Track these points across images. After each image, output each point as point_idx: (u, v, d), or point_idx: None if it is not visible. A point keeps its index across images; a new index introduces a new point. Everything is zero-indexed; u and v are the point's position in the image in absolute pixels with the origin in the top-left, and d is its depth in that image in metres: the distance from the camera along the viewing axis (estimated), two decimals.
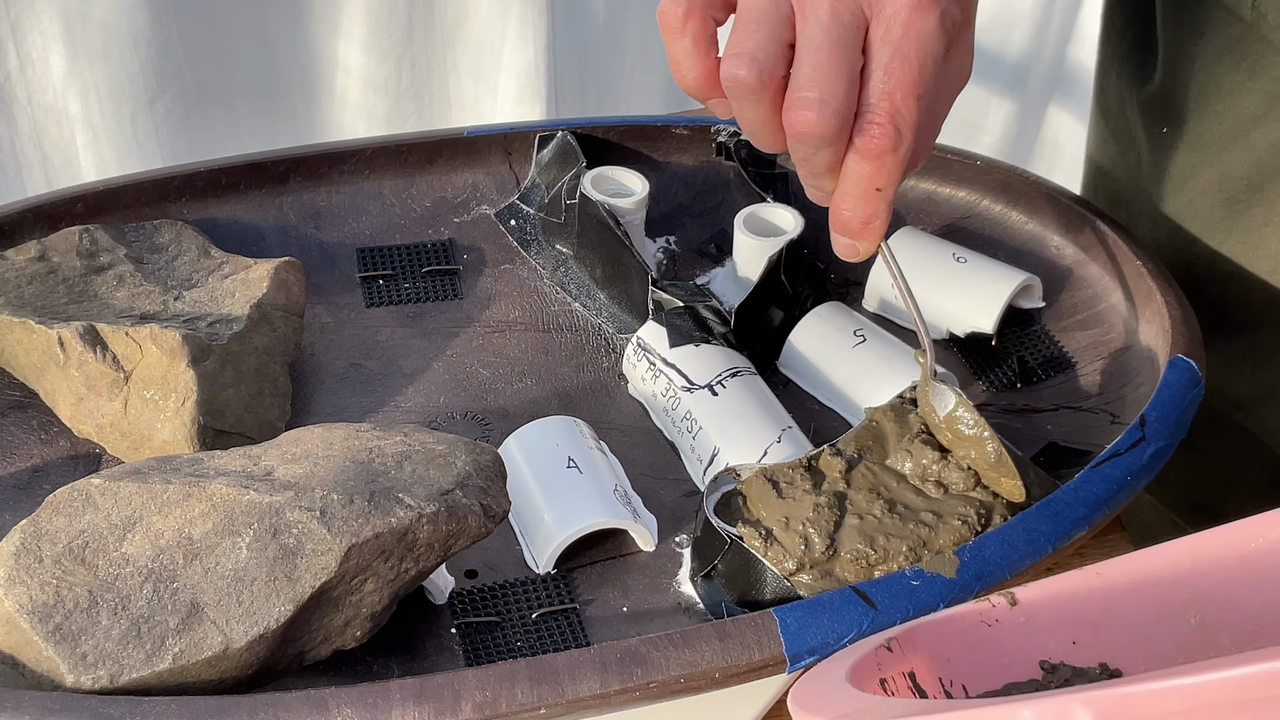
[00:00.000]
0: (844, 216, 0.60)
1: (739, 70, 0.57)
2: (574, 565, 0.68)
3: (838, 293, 0.82)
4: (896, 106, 0.57)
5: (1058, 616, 0.53)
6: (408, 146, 0.86)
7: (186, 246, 0.78)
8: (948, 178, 0.86)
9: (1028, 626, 0.53)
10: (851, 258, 0.62)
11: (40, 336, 0.71)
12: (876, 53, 0.57)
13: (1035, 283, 0.80)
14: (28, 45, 1.27)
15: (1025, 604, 0.53)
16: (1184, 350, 0.72)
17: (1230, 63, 0.77)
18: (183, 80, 1.34)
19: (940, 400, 0.66)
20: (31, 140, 1.33)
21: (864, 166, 0.58)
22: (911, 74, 0.57)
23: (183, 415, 0.69)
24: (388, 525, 0.59)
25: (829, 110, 0.56)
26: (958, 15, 0.58)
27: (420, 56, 1.40)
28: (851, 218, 0.60)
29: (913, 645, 0.51)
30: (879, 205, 0.59)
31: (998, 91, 1.58)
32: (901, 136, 0.57)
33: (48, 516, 0.60)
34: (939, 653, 0.52)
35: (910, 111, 0.57)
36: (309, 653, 0.60)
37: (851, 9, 0.57)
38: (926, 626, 0.52)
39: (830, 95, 0.56)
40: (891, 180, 0.58)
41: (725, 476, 0.67)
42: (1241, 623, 0.53)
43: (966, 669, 0.52)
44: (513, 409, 0.76)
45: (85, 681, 0.56)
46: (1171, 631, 0.53)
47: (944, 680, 0.51)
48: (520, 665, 0.57)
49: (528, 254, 0.84)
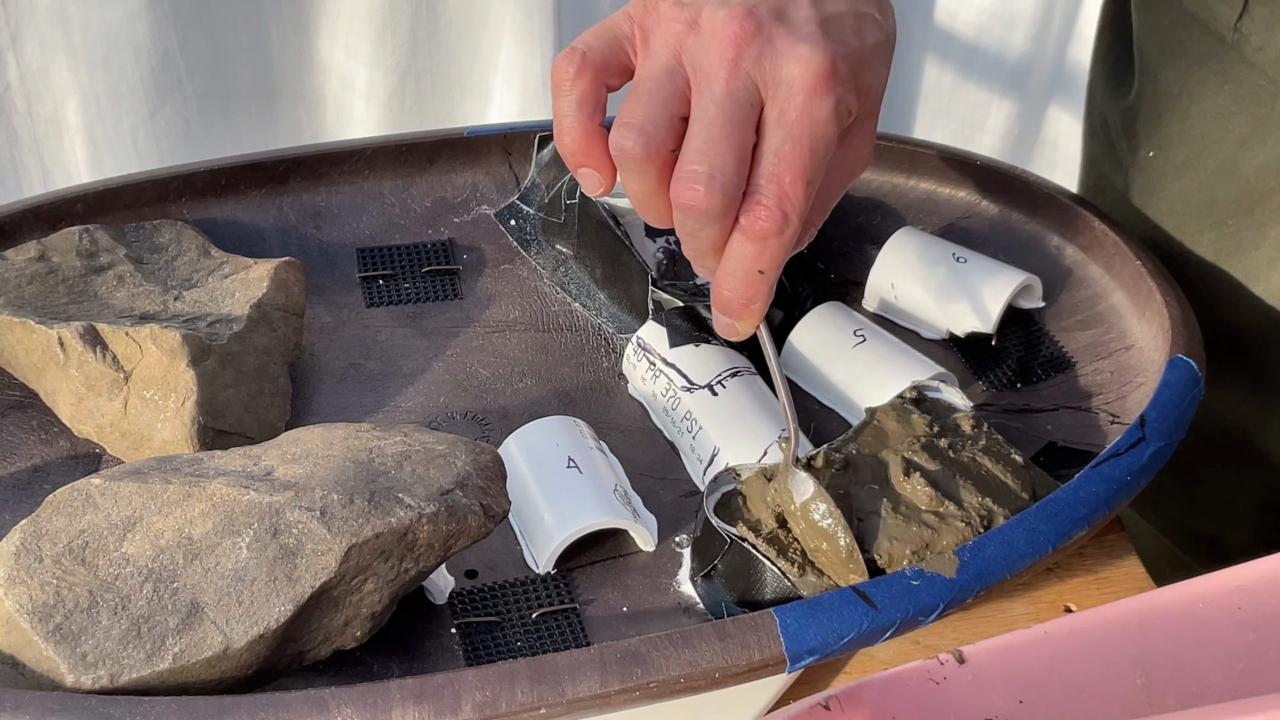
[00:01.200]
0: (724, 296, 0.59)
1: (626, 141, 0.57)
2: (574, 565, 0.68)
3: (838, 293, 0.82)
4: (785, 190, 0.56)
5: (1005, 675, 0.53)
6: (408, 146, 0.86)
7: (186, 246, 0.78)
8: (948, 178, 0.86)
9: (975, 685, 0.53)
10: (731, 336, 0.61)
11: (40, 336, 0.71)
12: (769, 134, 0.56)
13: (1035, 283, 0.80)
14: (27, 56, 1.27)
15: (973, 663, 0.53)
16: (1184, 350, 0.72)
17: (1212, 85, 0.76)
18: (184, 92, 1.34)
19: (799, 488, 0.64)
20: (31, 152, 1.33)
21: (748, 248, 0.57)
22: (803, 159, 0.56)
23: (183, 415, 0.69)
24: (388, 525, 0.59)
25: (717, 186, 0.55)
26: (853, 105, 0.58)
27: (425, 71, 1.40)
28: (732, 298, 0.58)
29: (855, 703, 0.51)
30: (760, 287, 0.58)
31: (998, 92, 1.58)
32: (788, 220, 0.56)
33: (48, 516, 0.60)
34: (884, 711, 0.52)
35: (798, 196, 0.56)
36: (309, 653, 0.60)
37: (747, 86, 0.56)
38: (873, 685, 0.52)
39: (720, 171, 0.55)
40: (774, 263, 0.57)
41: (725, 476, 0.67)
42: (1186, 684, 0.53)
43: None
44: (513, 409, 0.76)
45: (85, 681, 0.56)
46: (1117, 691, 0.53)
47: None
48: (520, 665, 0.57)
49: (528, 254, 0.84)
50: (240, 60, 1.36)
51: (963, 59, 1.58)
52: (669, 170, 0.57)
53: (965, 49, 1.57)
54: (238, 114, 1.39)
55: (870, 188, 0.87)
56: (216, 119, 1.37)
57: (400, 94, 1.39)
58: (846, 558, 0.62)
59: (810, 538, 0.63)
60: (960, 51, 1.58)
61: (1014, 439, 0.72)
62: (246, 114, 1.40)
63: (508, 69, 1.39)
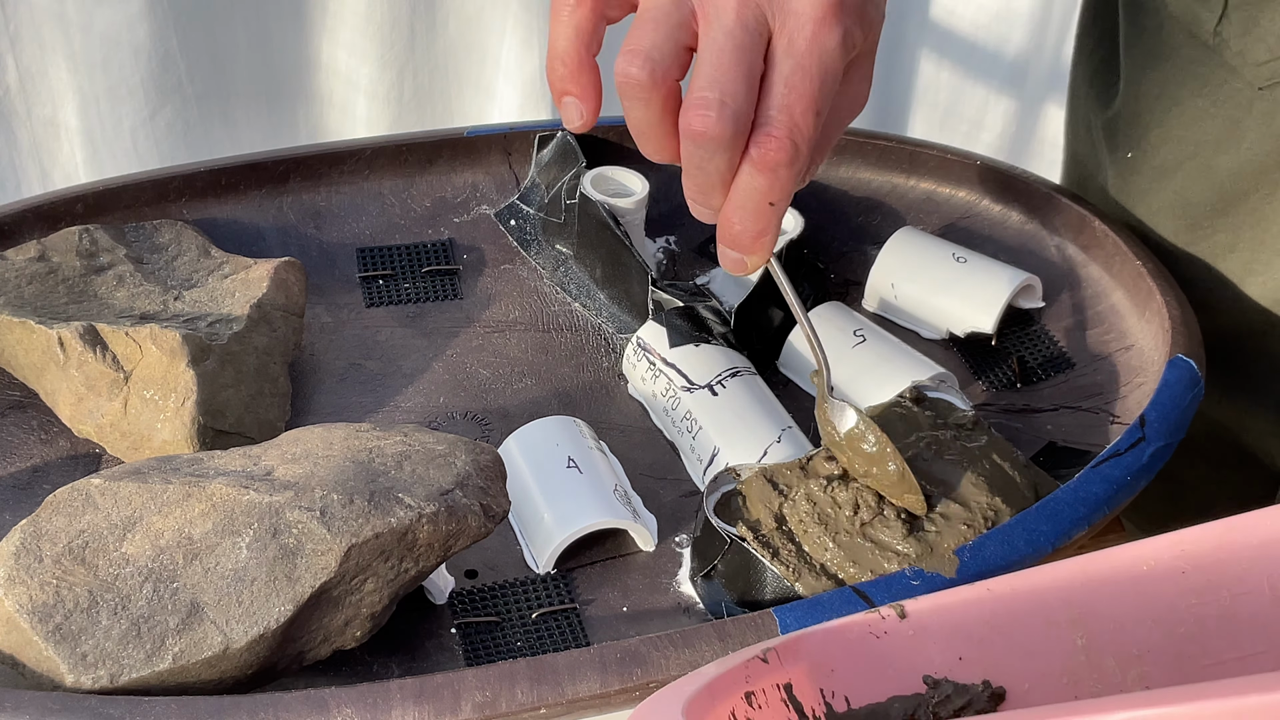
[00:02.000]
0: (735, 230, 0.58)
1: (631, 67, 0.56)
2: (574, 565, 0.68)
3: (838, 293, 0.82)
4: (795, 120, 0.56)
5: (946, 631, 0.53)
6: (408, 146, 0.86)
7: (186, 246, 0.78)
8: (948, 178, 0.86)
9: (915, 640, 0.53)
10: (740, 272, 0.60)
11: (40, 336, 0.71)
12: (779, 64, 0.56)
13: (1035, 283, 0.80)
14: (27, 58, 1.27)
15: (915, 617, 0.53)
16: (1184, 350, 0.72)
17: (1193, 88, 0.77)
18: (184, 93, 1.33)
19: (840, 417, 0.64)
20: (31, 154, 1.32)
21: (758, 179, 0.56)
22: (813, 88, 0.56)
23: (183, 415, 0.69)
24: (388, 525, 0.59)
25: (728, 112, 0.55)
26: (859, 38, 0.58)
27: (423, 66, 1.40)
28: (743, 231, 0.58)
29: (794, 655, 0.51)
30: (771, 219, 0.58)
31: (997, 90, 1.58)
32: (798, 151, 0.56)
33: (48, 516, 0.60)
34: (823, 664, 0.51)
35: (808, 126, 0.56)
36: (309, 653, 0.60)
37: (756, 16, 0.56)
38: (813, 636, 0.52)
39: (731, 97, 0.55)
40: (784, 194, 0.57)
41: (725, 476, 0.67)
42: (1126, 646, 0.53)
43: (850, 681, 0.52)
44: (513, 409, 0.76)
45: (85, 681, 0.56)
46: (1057, 650, 0.53)
47: (825, 691, 0.51)
48: (520, 665, 0.57)
49: (528, 254, 0.84)
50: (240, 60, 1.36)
51: (961, 57, 1.58)
52: (673, 100, 0.57)
53: (964, 47, 1.57)
54: (238, 114, 1.39)
55: (870, 188, 0.87)
56: (217, 120, 1.37)
57: (400, 91, 1.39)
58: (899, 479, 0.63)
59: (858, 464, 0.64)
60: (959, 50, 1.58)
61: (1014, 439, 0.72)
62: (247, 114, 1.40)
63: (508, 65, 1.39)
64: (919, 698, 0.52)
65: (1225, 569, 0.53)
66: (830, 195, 0.86)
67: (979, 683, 0.53)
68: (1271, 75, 0.74)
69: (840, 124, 0.61)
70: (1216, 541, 0.53)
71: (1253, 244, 0.78)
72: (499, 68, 1.40)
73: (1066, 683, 0.53)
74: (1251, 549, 0.53)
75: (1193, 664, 0.53)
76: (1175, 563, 0.53)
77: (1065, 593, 0.53)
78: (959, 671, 0.53)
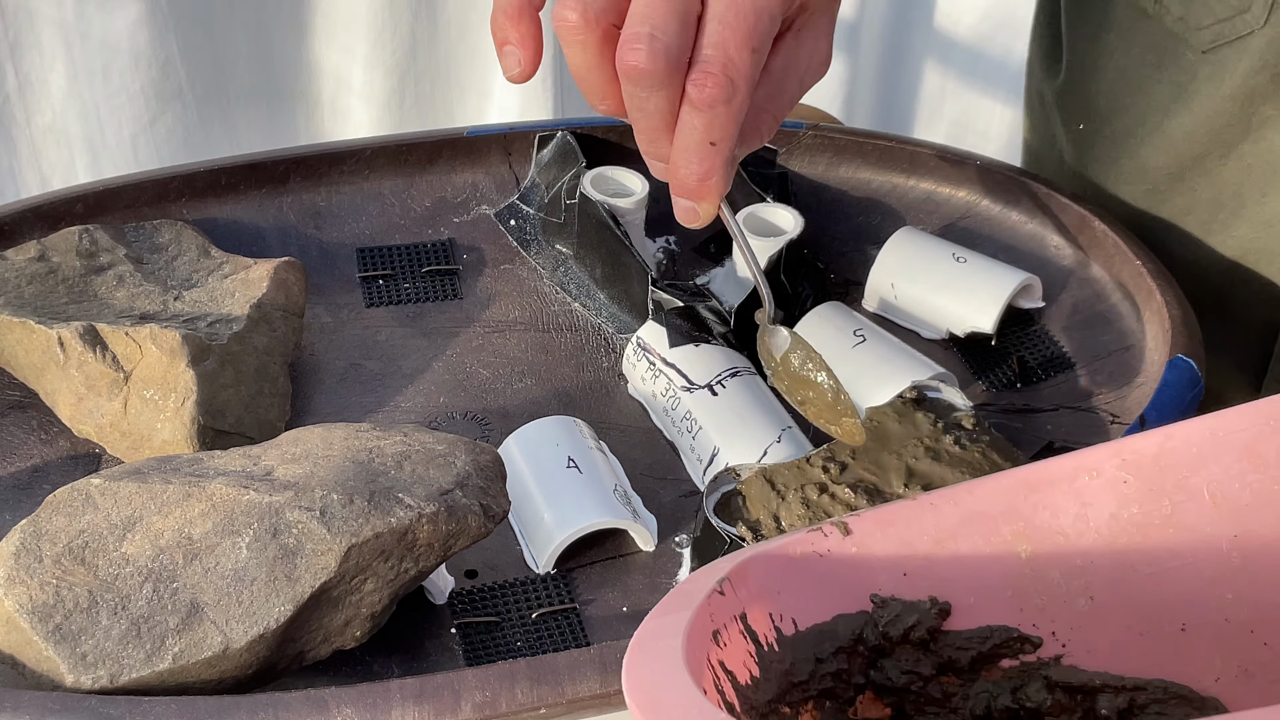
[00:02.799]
0: (680, 175, 0.58)
1: (565, 10, 0.56)
2: (574, 565, 0.68)
3: (838, 293, 0.82)
4: (730, 56, 0.56)
5: (890, 547, 0.53)
6: (408, 146, 0.86)
7: (186, 246, 0.78)
8: (948, 178, 0.86)
9: (859, 557, 0.52)
10: (692, 221, 0.60)
11: (40, 336, 0.71)
12: (712, 3, 0.56)
13: (1035, 283, 0.80)
14: (26, 65, 1.27)
15: (859, 534, 0.52)
16: (1184, 350, 0.72)
17: (1137, 56, 0.79)
18: (184, 99, 1.33)
19: (776, 341, 0.64)
20: (30, 162, 1.32)
21: (697, 118, 0.57)
22: (746, 25, 0.56)
23: (183, 415, 0.69)
24: (388, 525, 0.59)
25: (659, 45, 0.55)
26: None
27: (424, 72, 1.40)
28: (688, 175, 0.58)
29: (744, 581, 0.50)
30: (714, 161, 0.58)
31: (1001, 99, 1.58)
32: (735, 87, 0.56)
33: (48, 516, 0.60)
34: (770, 586, 0.51)
35: (744, 63, 0.56)
36: (309, 653, 0.60)
37: None
38: (759, 559, 0.51)
39: (661, 31, 0.55)
40: (726, 134, 0.57)
41: (725, 476, 0.67)
42: (1069, 557, 0.53)
43: (797, 602, 0.52)
44: (513, 409, 0.76)
45: (85, 681, 0.56)
46: (1001, 564, 0.53)
47: (774, 615, 0.51)
48: (520, 665, 0.57)
49: (528, 254, 0.84)
50: (240, 66, 1.36)
51: (964, 65, 1.58)
52: (609, 44, 0.57)
53: (966, 55, 1.57)
54: (238, 120, 1.39)
55: (870, 188, 0.87)
56: (217, 126, 1.37)
57: (400, 95, 1.39)
58: (833, 399, 0.62)
59: (796, 390, 0.63)
60: (961, 58, 1.58)
61: (1014, 439, 0.72)
62: (247, 119, 1.40)
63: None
64: (865, 615, 0.52)
65: (1165, 476, 0.53)
66: (830, 195, 0.86)
67: (925, 599, 0.52)
68: (1215, 38, 0.76)
69: (801, 84, 0.61)
70: (1156, 450, 0.54)
71: (1210, 205, 0.80)
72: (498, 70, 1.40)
73: (1011, 595, 0.53)
74: (1190, 456, 0.53)
75: (1135, 573, 0.53)
76: (1116, 472, 0.53)
77: (1009, 505, 0.53)
78: (904, 588, 0.53)
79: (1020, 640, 0.53)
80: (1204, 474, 0.53)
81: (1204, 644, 0.53)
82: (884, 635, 0.52)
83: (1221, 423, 0.54)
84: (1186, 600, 0.53)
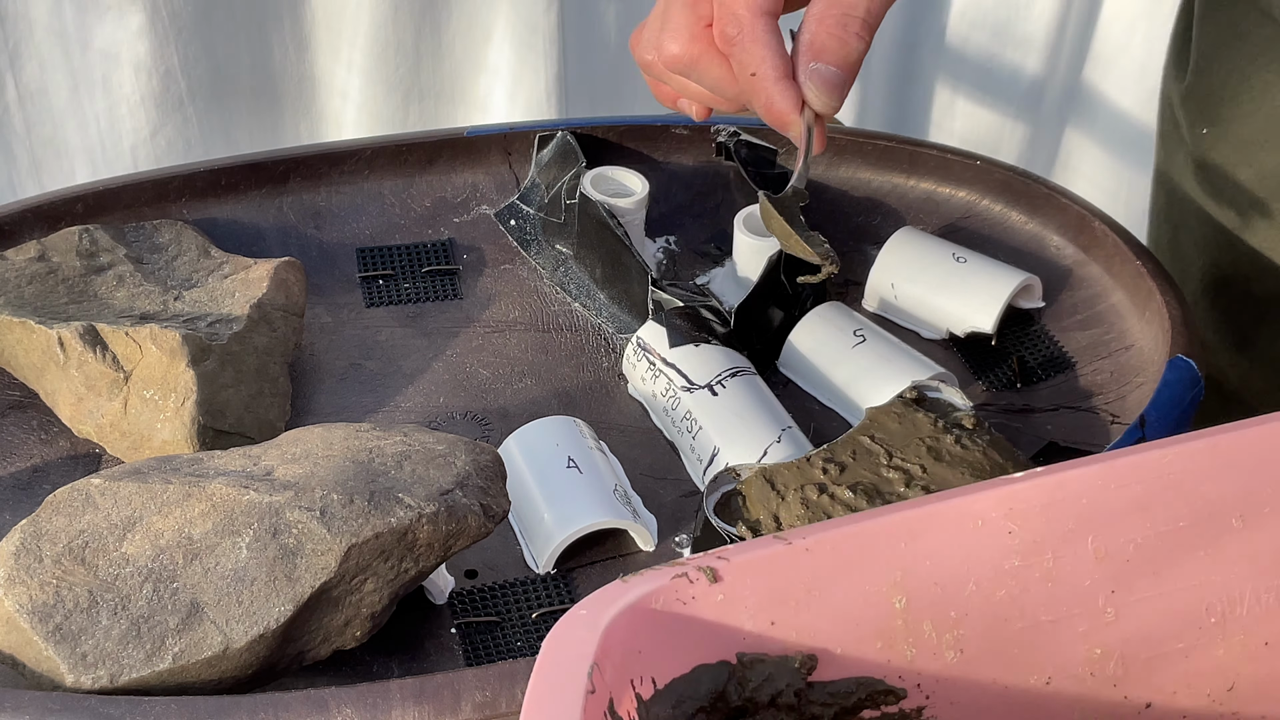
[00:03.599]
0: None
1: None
2: (574, 565, 0.68)
3: (838, 293, 0.82)
4: None
5: (759, 595, 0.50)
6: (407, 146, 0.86)
7: (186, 246, 0.79)
8: (948, 178, 0.86)
9: (726, 606, 0.49)
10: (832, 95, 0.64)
11: (40, 336, 0.71)
12: None
13: (1035, 283, 0.80)
14: (26, 76, 1.26)
15: (728, 581, 0.49)
16: (1184, 350, 0.72)
17: (1263, 63, 0.78)
18: (184, 112, 1.33)
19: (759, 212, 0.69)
20: (30, 174, 1.32)
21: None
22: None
23: (183, 415, 0.69)
24: (388, 525, 0.59)
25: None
26: None
27: (429, 90, 1.39)
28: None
29: (609, 656, 0.46)
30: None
31: (1012, 115, 1.58)
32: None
33: (48, 516, 0.60)
34: (631, 647, 0.48)
35: None
36: (309, 653, 0.60)
37: None
38: (621, 619, 0.47)
39: None
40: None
41: (725, 476, 0.67)
42: (944, 609, 0.51)
43: (656, 658, 0.48)
44: (513, 409, 0.76)
45: (85, 681, 0.56)
46: (875, 614, 0.51)
47: (635, 682, 0.47)
48: (520, 665, 0.57)
49: (528, 254, 0.84)
50: (242, 78, 1.36)
51: (976, 82, 1.58)
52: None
53: (979, 73, 1.57)
54: (239, 133, 1.39)
55: (870, 188, 0.87)
56: (218, 138, 1.37)
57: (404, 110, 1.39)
58: (791, 238, 0.66)
59: (781, 240, 0.67)
60: (972, 75, 1.58)
61: (1014, 439, 0.72)
62: (248, 131, 1.39)
63: (511, 84, 1.39)
64: (726, 668, 0.49)
65: (1051, 528, 0.51)
66: (830, 195, 0.86)
67: (794, 654, 0.50)
68: None
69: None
70: (1046, 500, 0.51)
71: None
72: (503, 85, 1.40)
73: (880, 646, 0.51)
74: (1079, 509, 0.51)
75: (1008, 627, 0.51)
76: (1003, 522, 0.51)
77: (890, 552, 0.51)
78: (771, 635, 0.50)
79: (885, 692, 0.51)
80: (1090, 528, 0.51)
81: (1066, 699, 0.52)
82: (749, 700, 0.50)
83: (1114, 474, 0.52)
84: (1055, 654, 0.52)
